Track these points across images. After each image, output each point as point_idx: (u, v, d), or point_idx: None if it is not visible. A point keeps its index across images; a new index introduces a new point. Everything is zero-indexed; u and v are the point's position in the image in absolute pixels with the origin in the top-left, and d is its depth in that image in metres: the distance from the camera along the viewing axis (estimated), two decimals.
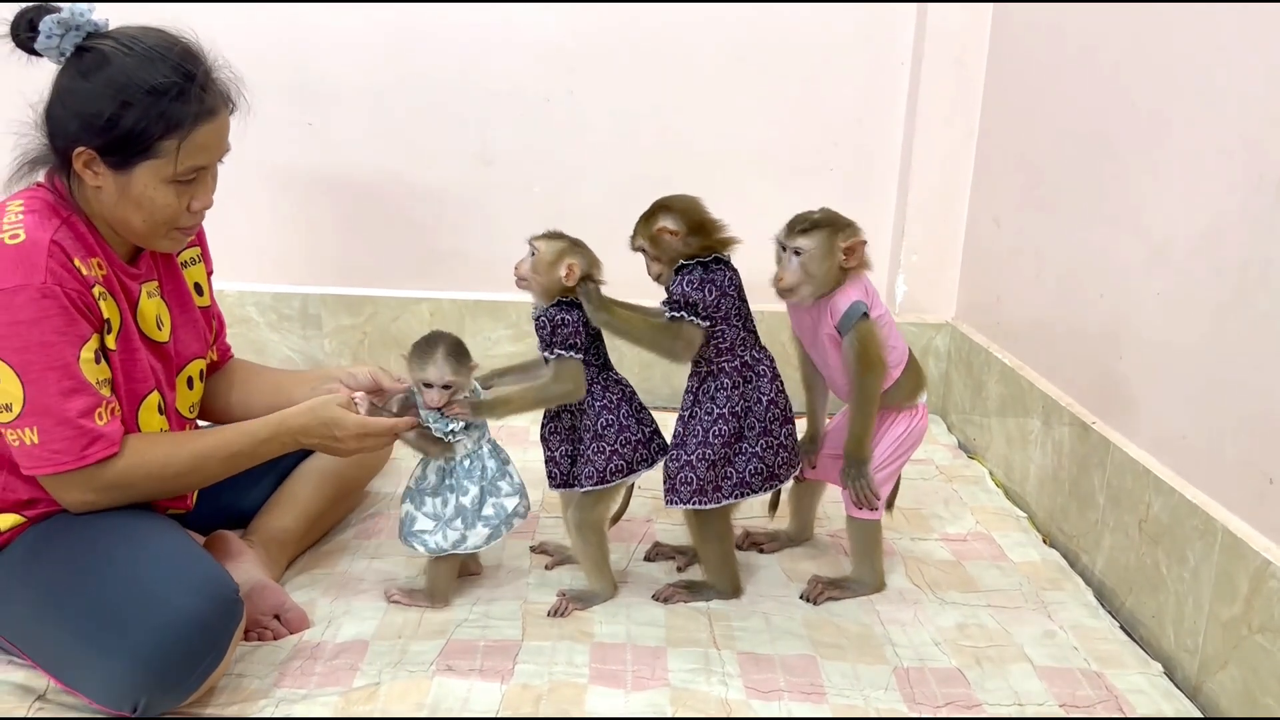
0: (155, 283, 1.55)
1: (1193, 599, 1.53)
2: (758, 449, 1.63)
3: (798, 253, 1.60)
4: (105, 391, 1.40)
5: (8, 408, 1.34)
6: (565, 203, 2.68)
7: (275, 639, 1.54)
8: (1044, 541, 1.98)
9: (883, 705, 1.43)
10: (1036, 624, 1.66)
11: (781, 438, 1.65)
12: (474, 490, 1.62)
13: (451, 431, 1.59)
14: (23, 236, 1.34)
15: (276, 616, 1.56)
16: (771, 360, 1.66)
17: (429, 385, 1.57)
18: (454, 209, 2.70)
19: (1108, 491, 1.79)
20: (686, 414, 1.65)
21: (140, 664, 1.27)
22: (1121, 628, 1.66)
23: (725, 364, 1.62)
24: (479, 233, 2.71)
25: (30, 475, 1.39)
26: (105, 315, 1.41)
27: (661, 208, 1.62)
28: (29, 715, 1.36)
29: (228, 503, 1.70)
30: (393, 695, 1.41)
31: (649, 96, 2.62)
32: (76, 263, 1.37)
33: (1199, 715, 1.45)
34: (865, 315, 1.60)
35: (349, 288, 2.74)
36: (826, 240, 1.60)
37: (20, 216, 1.36)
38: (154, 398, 1.51)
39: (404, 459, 2.18)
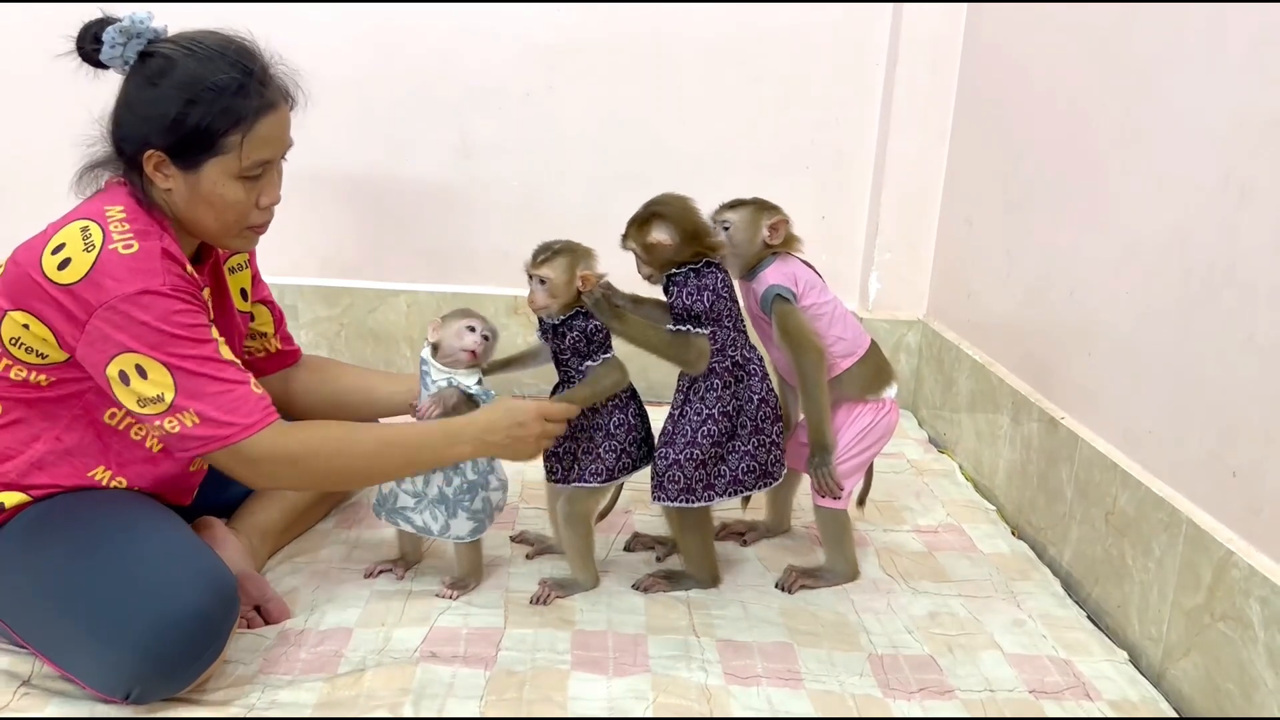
0: (208, 289, 1.58)
1: (1157, 589, 1.58)
2: (750, 447, 1.65)
3: (726, 227, 1.69)
4: (246, 371, 1.43)
5: (159, 398, 1.35)
6: (544, 197, 2.70)
7: (251, 628, 1.55)
8: (1013, 533, 2.03)
9: (858, 691, 1.47)
10: (1006, 613, 1.70)
11: (774, 435, 1.68)
12: (458, 480, 1.63)
13: (490, 400, 1.63)
14: (136, 246, 1.36)
15: (257, 608, 1.58)
16: (761, 359, 1.68)
17: (471, 330, 1.63)
18: (433, 202, 2.71)
19: (1075, 485, 1.84)
20: (676, 412, 1.66)
21: (141, 654, 1.28)
22: (1088, 617, 1.71)
23: (716, 364, 1.63)
24: (458, 226, 2.72)
25: (188, 459, 1.42)
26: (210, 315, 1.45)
27: (656, 215, 1.62)
28: (14, 702, 1.37)
29: (211, 493, 1.70)
30: (378, 681, 1.42)
31: (628, 94, 2.65)
32: (189, 269, 1.41)
33: (1163, 701, 1.49)
34: (782, 299, 1.65)
35: (326, 279, 2.75)
36: (752, 216, 1.69)
37: (126, 226, 1.38)
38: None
39: None
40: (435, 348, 1.64)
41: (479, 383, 1.64)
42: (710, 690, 1.45)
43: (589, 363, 1.64)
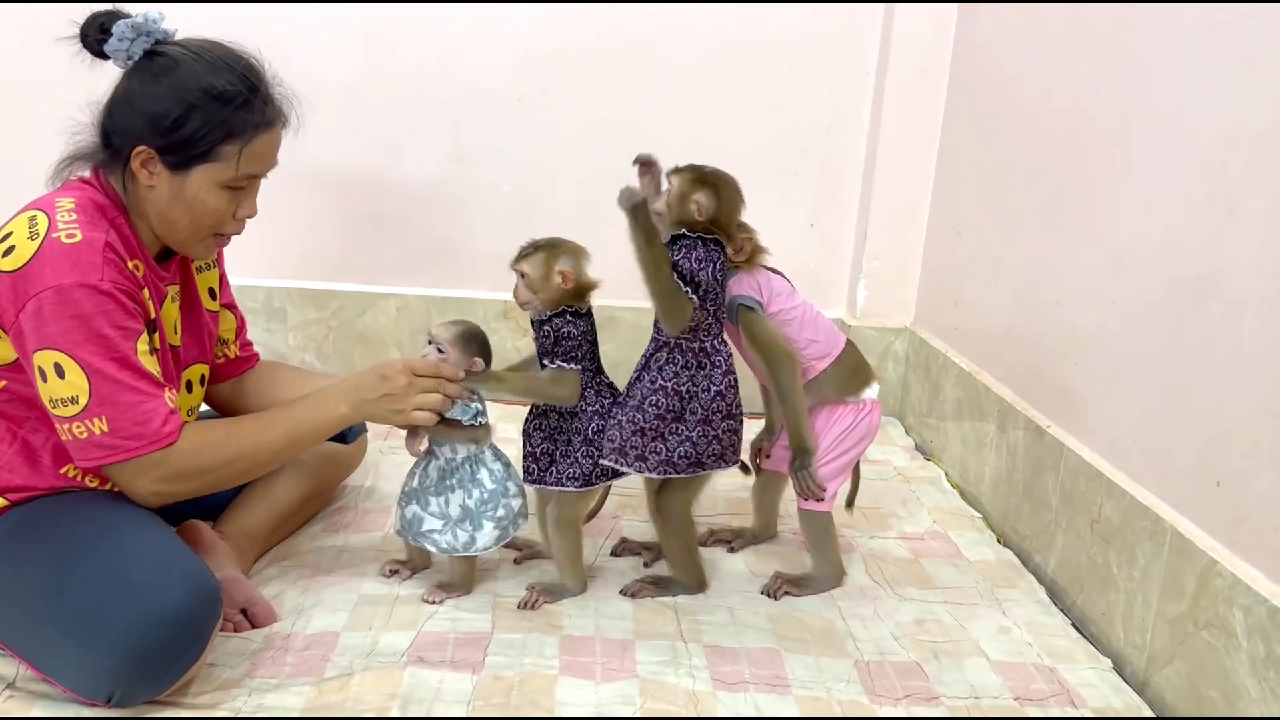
0: (177, 286, 1.58)
1: (1141, 597, 1.59)
2: (693, 435, 1.65)
3: None
4: (163, 381, 1.42)
5: (73, 400, 1.34)
6: (536, 201, 2.70)
7: (238, 631, 1.55)
8: (998, 541, 2.04)
9: (844, 697, 1.47)
10: (991, 620, 1.71)
11: (720, 431, 1.66)
12: (477, 493, 1.64)
13: (478, 414, 1.62)
14: (79, 236, 1.36)
15: (244, 611, 1.57)
16: (729, 355, 1.68)
17: (429, 343, 1.63)
18: (424, 206, 2.71)
19: (1061, 493, 1.85)
20: (634, 377, 1.67)
21: (122, 656, 1.28)
22: (1073, 624, 1.72)
23: (684, 342, 1.64)
24: (449, 230, 2.72)
25: (93, 468, 1.41)
26: (151, 315, 1.44)
27: (713, 184, 1.64)
28: None
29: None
30: (365, 685, 1.42)
31: (621, 99, 2.65)
32: (130, 265, 1.40)
33: (1146, 708, 1.51)
34: (747, 309, 1.68)
35: (315, 282, 2.74)
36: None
37: (74, 216, 1.38)
38: (175, 398, 1.53)
39: (372, 456, 2.19)
40: None
41: (479, 401, 1.64)
42: (698, 696, 1.45)
43: (546, 363, 1.64)
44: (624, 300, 1.71)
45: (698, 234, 1.63)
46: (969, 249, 2.44)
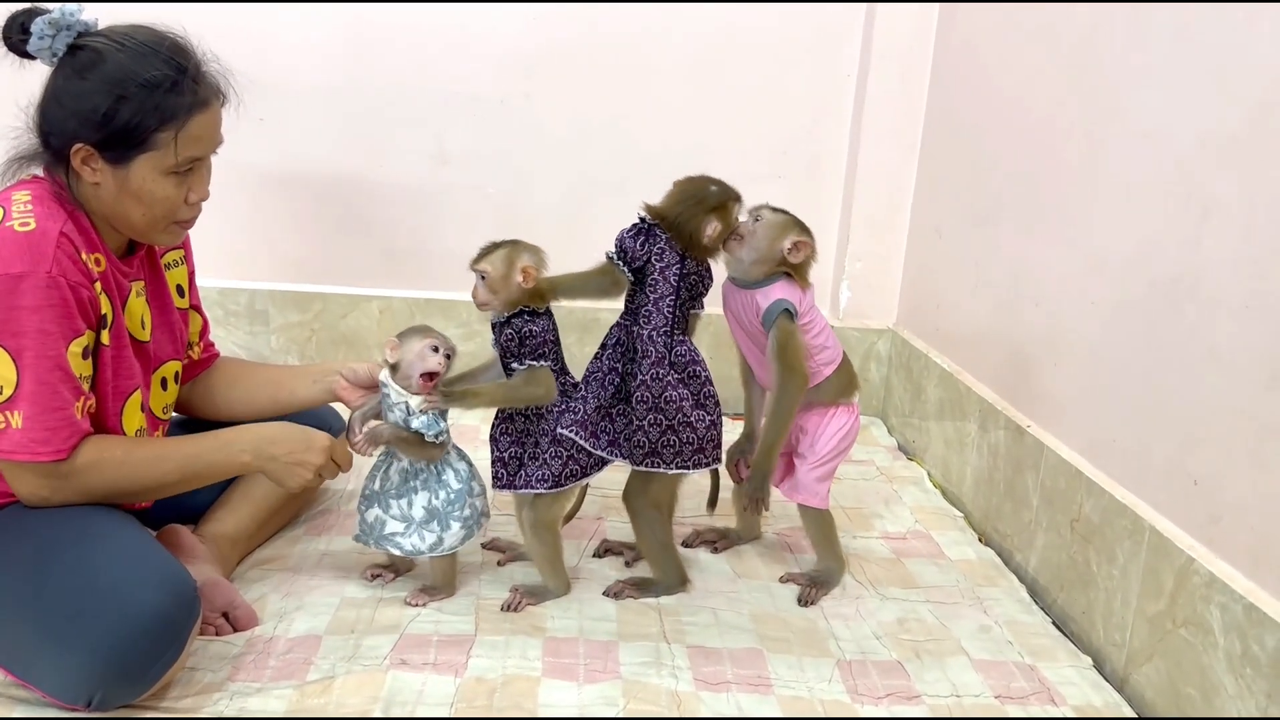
0: (142, 282, 1.56)
1: (1121, 595, 1.60)
2: (624, 418, 1.67)
3: (757, 219, 1.71)
4: (86, 387, 1.41)
5: None
6: (519, 204, 2.70)
7: (219, 635, 1.54)
8: (980, 540, 2.05)
9: (827, 697, 1.48)
10: (973, 619, 1.72)
11: (645, 425, 1.64)
12: (444, 493, 1.64)
13: (440, 432, 1.61)
14: (33, 225, 1.35)
15: (225, 614, 1.56)
16: (666, 356, 1.65)
17: (435, 350, 1.58)
18: (408, 208, 2.70)
19: (1041, 492, 1.86)
20: (595, 354, 1.71)
21: (100, 658, 1.27)
22: (1053, 623, 1.73)
23: (626, 322, 1.68)
24: (432, 232, 2.71)
25: None
26: (103, 310, 1.43)
27: (720, 209, 1.67)
28: None
29: (179, 498, 1.69)
30: (348, 688, 1.42)
31: (604, 102, 2.66)
32: (84, 257, 1.39)
33: (1126, 706, 1.52)
34: (789, 315, 1.67)
35: (298, 284, 2.73)
36: (784, 224, 1.71)
37: (30, 206, 1.37)
38: (138, 395, 1.53)
39: (355, 458, 2.18)
40: (394, 368, 1.61)
41: (443, 414, 1.63)
42: (680, 696, 1.45)
43: (516, 365, 1.63)
44: (607, 302, 1.71)
45: (648, 221, 1.66)
46: (950, 250, 2.45)
